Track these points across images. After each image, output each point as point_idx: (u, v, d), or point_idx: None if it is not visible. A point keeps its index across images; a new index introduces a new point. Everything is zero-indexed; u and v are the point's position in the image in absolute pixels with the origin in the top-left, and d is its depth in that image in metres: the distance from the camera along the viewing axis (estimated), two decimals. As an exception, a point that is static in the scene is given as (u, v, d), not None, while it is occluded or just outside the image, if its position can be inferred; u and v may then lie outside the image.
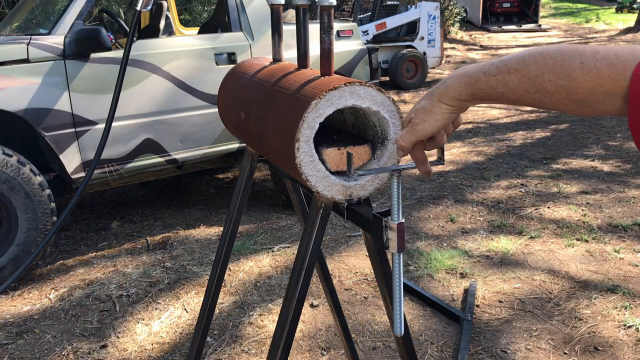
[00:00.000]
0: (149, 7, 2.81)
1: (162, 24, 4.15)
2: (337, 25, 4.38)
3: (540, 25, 19.23)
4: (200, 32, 4.59)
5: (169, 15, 4.91)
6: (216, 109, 3.71)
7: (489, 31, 18.57)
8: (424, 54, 10.20)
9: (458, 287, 2.98)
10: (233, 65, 3.44)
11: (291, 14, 6.19)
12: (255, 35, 3.87)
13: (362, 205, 1.20)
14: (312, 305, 2.81)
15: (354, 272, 3.18)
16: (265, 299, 2.91)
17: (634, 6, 20.96)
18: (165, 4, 4.25)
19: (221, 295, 2.92)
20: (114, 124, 3.16)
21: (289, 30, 3.67)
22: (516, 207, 4.12)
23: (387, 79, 10.19)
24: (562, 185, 4.56)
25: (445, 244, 3.53)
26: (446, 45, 13.98)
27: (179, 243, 3.65)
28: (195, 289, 3.02)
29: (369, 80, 4.53)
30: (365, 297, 2.91)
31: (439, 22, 10.37)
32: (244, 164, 1.67)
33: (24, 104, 3.02)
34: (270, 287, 3.02)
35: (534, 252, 3.37)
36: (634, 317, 2.63)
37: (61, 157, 3.19)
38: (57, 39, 3.18)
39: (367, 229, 1.13)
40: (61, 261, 3.47)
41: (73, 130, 3.21)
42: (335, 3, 1.17)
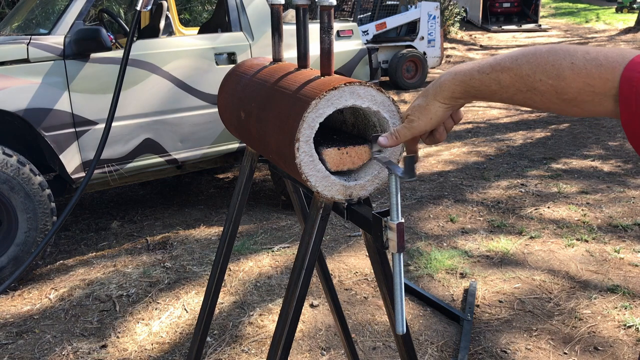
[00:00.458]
0: (149, 7, 2.81)
1: (162, 24, 4.15)
2: (337, 25, 4.37)
3: (540, 25, 19.23)
4: (200, 32, 4.59)
5: (169, 15, 4.91)
6: (216, 109, 3.71)
7: (489, 31, 18.57)
8: (424, 54, 10.20)
9: (458, 287, 2.98)
10: (233, 65, 3.44)
11: (291, 14, 6.19)
12: (255, 35, 3.87)
13: (362, 205, 1.20)
14: (312, 305, 2.81)
15: (354, 272, 3.18)
16: (265, 299, 2.91)
17: (634, 6, 20.96)
18: (165, 4, 4.24)
19: (221, 295, 2.92)
20: (114, 124, 3.16)
21: (289, 30, 3.67)
22: (516, 207, 4.12)
23: (387, 79, 10.19)
24: (562, 185, 4.56)
25: (445, 244, 3.53)
26: (446, 45, 13.98)
27: (179, 243, 3.65)
28: (195, 289, 3.02)
29: (369, 80, 4.53)
30: (365, 297, 2.91)
31: (439, 22, 10.37)
32: (244, 164, 1.67)
33: (24, 104, 3.02)
34: (270, 287, 3.02)
35: (534, 252, 3.37)
36: (634, 317, 2.63)
37: (61, 157, 3.19)
38: (57, 39, 3.18)
39: (367, 229, 1.13)
40: (61, 261, 3.47)
41: (73, 130, 3.21)
42: (335, 3, 1.17)
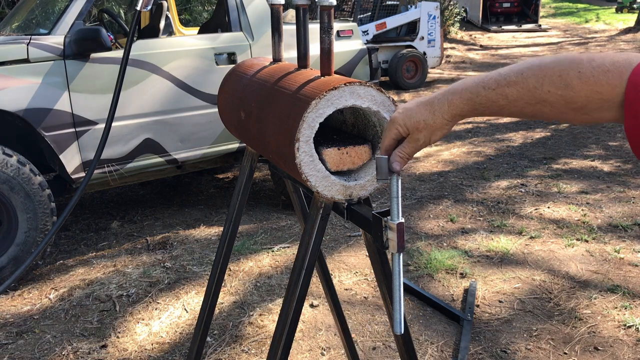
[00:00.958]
0: (149, 7, 2.81)
1: (162, 24, 4.15)
2: (337, 25, 4.37)
3: (540, 25, 19.24)
4: (200, 32, 4.59)
5: (169, 15, 4.91)
6: (216, 109, 3.71)
7: (489, 31, 18.57)
8: (424, 54, 10.20)
9: (458, 287, 2.98)
10: (233, 65, 3.44)
11: (291, 14, 6.19)
12: (255, 35, 3.87)
13: (362, 205, 1.20)
14: (312, 305, 2.81)
15: (354, 272, 3.18)
16: (265, 299, 2.91)
17: (634, 6, 20.96)
18: (165, 4, 4.24)
19: (221, 295, 2.92)
20: (114, 124, 3.16)
21: (289, 30, 3.67)
22: (516, 207, 4.12)
23: (387, 79, 10.19)
24: (562, 185, 4.56)
25: (445, 244, 3.53)
26: (446, 45, 13.98)
27: (179, 243, 3.65)
28: (195, 289, 3.02)
29: (369, 80, 4.53)
30: (365, 297, 2.91)
31: (439, 22, 10.37)
32: (244, 164, 1.67)
33: (24, 104, 3.02)
34: (270, 287, 3.02)
35: (534, 252, 3.37)
36: (634, 317, 2.63)
37: (61, 157, 3.19)
38: (57, 39, 3.18)
39: (367, 229, 1.13)
40: (61, 261, 3.47)
41: (73, 130, 3.21)
42: (335, 3, 1.17)
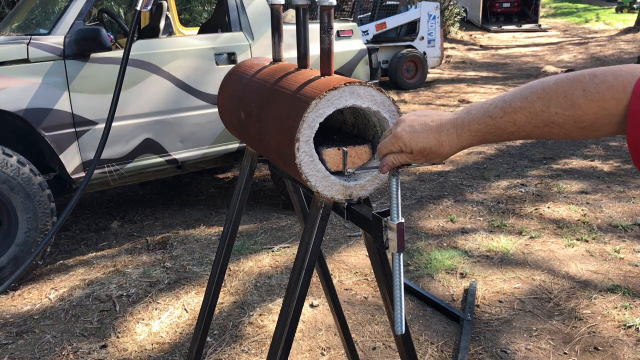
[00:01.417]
0: (149, 7, 2.81)
1: (162, 24, 4.15)
2: (337, 25, 4.37)
3: (540, 25, 19.24)
4: (200, 32, 4.59)
5: (169, 15, 4.91)
6: (216, 109, 3.71)
7: (489, 31, 18.57)
8: (424, 54, 10.20)
9: (458, 287, 2.98)
10: (233, 65, 3.44)
11: (291, 14, 6.20)
12: (255, 35, 3.87)
13: (362, 205, 1.20)
14: (312, 305, 2.81)
15: (354, 272, 3.18)
16: (265, 299, 2.91)
17: (634, 6, 20.95)
18: (165, 4, 4.24)
19: (221, 295, 2.92)
20: (114, 124, 3.16)
21: (289, 30, 3.67)
22: (516, 207, 4.12)
23: (387, 79, 10.19)
24: (562, 185, 4.56)
25: (445, 244, 3.53)
26: (446, 45, 13.98)
27: (179, 243, 3.65)
28: (195, 289, 3.02)
29: (369, 80, 4.53)
30: (365, 297, 2.91)
31: (439, 22, 10.37)
32: (244, 164, 1.67)
33: (24, 104, 3.02)
34: (270, 287, 3.02)
35: (534, 252, 3.37)
36: (634, 317, 2.63)
37: (61, 157, 3.19)
38: (57, 39, 3.18)
39: (367, 229, 1.13)
40: (61, 261, 3.47)
41: (73, 130, 3.21)
42: (335, 3, 1.17)
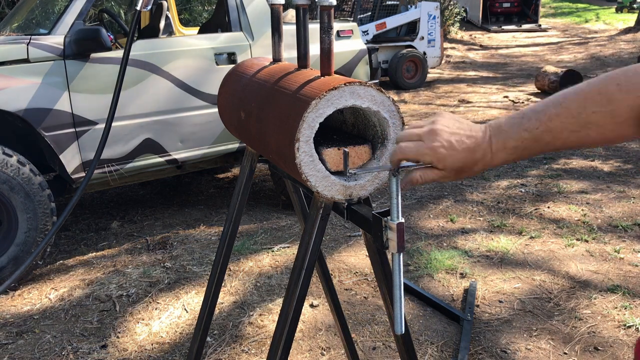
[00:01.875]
0: (149, 7, 2.81)
1: (162, 24, 4.15)
2: (337, 25, 4.37)
3: (540, 25, 19.23)
4: (200, 32, 4.59)
5: (169, 15, 4.91)
6: (216, 109, 3.71)
7: (489, 31, 18.57)
8: (424, 53, 10.20)
9: (458, 287, 2.98)
10: (233, 65, 3.44)
11: (291, 14, 6.20)
12: (255, 35, 3.87)
13: (362, 205, 1.20)
14: (312, 305, 2.81)
15: (354, 272, 3.18)
16: (265, 299, 2.91)
17: (634, 6, 20.95)
18: (165, 4, 4.24)
19: (221, 295, 2.92)
20: (114, 124, 3.16)
21: (289, 30, 3.67)
22: (516, 207, 4.11)
23: (387, 79, 10.19)
24: (562, 185, 4.56)
25: (445, 244, 3.53)
26: (446, 45, 13.98)
27: (179, 243, 3.65)
28: (195, 289, 3.02)
29: (369, 80, 4.53)
30: (365, 297, 2.90)
31: (439, 22, 10.37)
32: (244, 164, 1.67)
33: (24, 104, 3.02)
34: (270, 287, 3.02)
35: (534, 252, 3.37)
36: (634, 317, 2.62)
37: (61, 157, 3.19)
38: (57, 39, 3.18)
39: (367, 229, 1.13)
40: (61, 261, 3.47)
41: (73, 130, 3.21)
42: (335, 3, 1.17)
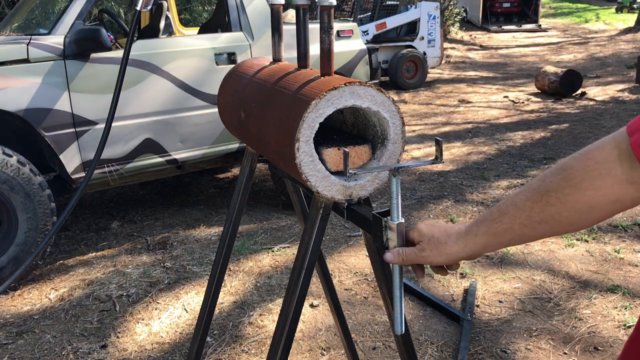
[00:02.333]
0: (149, 7, 2.81)
1: (162, 24, 4.15)
2: (337, 25, 4.37)
3: (540, 26, 19.23)
4: (200, 32, 4.59)
5: (169, 15, 4.91)
6: (216, 109, 3.71)
7: (489, 31, 18.56)
8: (424, 54, 10.20)
9: (458, 287, 2.98)
10: (233, 65, 3.44)
11: (291, 14, 6.20)
12: (255, 35, 3.87)
13: (362, 205, 1.20)
14: (312, 305, 2.81)
15: (354, 272, 3.18)
16: (265, 299, 2.91)
17: (634, 6, 20.94)
18: (165, 4, 4.24)
19: (221, 295, 2.92)
20: (114, 124, 3.16)
21: (289, 30, 3.67)
22: (516, 207, 4.11)
23: (387, 79, 10.18)
24: (562, 185, 4.55)
25: (445, 244, 3.52)
26: (446, 45, 13.98)
27: (179, 243, 3.65)
28: (195, 289, 3.02)
29: (369, 80, 4.53)
30: (365, 297, 2.90)
31: (439, 22, 10.37)
32: (244, 164, 1.67)
33: (24, 104, 3.02)
34: (270, 287, 3.02)
35: (534, 252, 3.38)
36: (634, 317, 2.62)
37: (61, 157, 3.19)
38: (57, 39, 3.18)
39: (367, 229, 1.13)
40: (61, 261, 3.47)
41: (73, 130, 3.21)
42: (335, 3, 1.17)
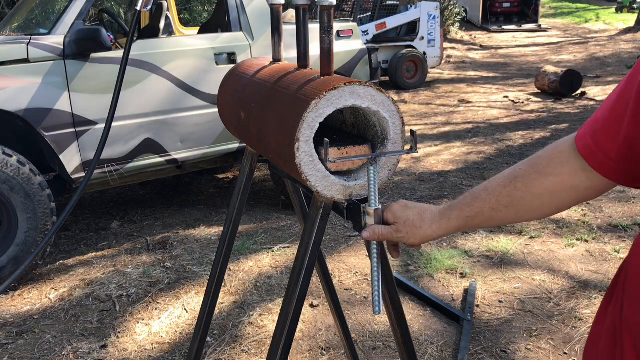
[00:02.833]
0: (149, 7, 2.81)
1: (162, 24, 4.15)
2: (337, 25, 4.37)
3: (540, 25, 19.23)
4: (200, 32, 4.59)
5: (169, 15, 4.91)
6: (216, 109, 3.71)
7: (489, 31, 18.56)
8: (424, 54, 10.20)
9: (458, 287, 2.98)
10: (233, 65, 3.44)
11: (291, 14, 6.19)
12: (255, 35, 3.87)
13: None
14: (312, 305, 2.81)
15: (354, 272, 3.18)
16: (265, 299, 2.91)
17: (634, 6, 20.94)
18: (165, 4, 4.24)
19: (221, 295, 2.92)
20: (114, 124, 3.16)
21: (289, 30, 3.67)
22: (516, 207, 4.11)
23: (387, 79, 10.18)
24: (562, 185, 4.55)
25: (445, 244, 3.53)
26: (446, 45, 13.98)
27: (179, 243, 3.65)
28: (195, 289, 3.02)
29: (369, 80, 4.53)
30: (365, 297, 2.90)
31: (439, 22, 10.37)
32: (244, 164, 1.67)
33: (24, 104, 3.02)
34: (270, 287, 3.02)
35: (534, 252, 3.38)
36: (634, 317, 2.62)
37: (61, 157, 3.19)
38: (57, 39, 3.18)
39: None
40: (61, 261, 3.47)
41: (73, 130, 3.21)
42: (335, 3, 1.17)
